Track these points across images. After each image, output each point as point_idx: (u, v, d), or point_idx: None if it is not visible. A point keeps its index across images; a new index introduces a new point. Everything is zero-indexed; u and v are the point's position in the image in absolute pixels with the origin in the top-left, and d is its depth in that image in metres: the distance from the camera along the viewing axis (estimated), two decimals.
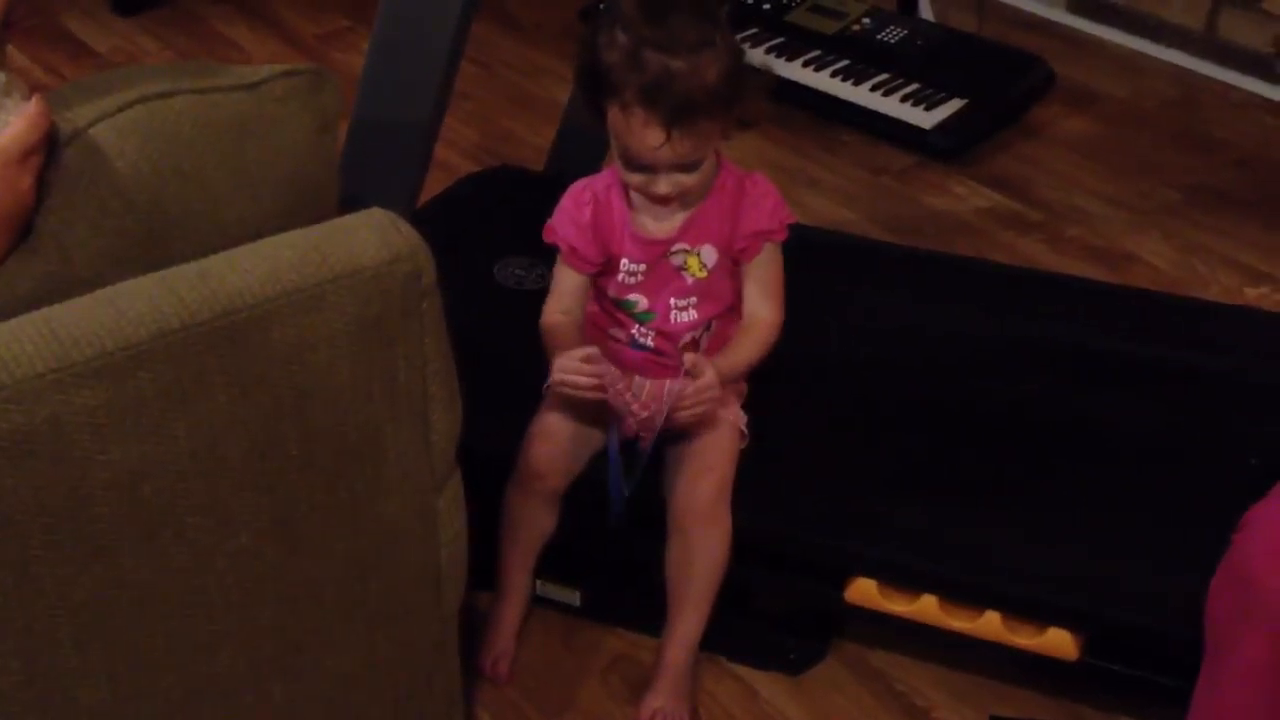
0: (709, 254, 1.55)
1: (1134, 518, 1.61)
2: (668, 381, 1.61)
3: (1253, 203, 2.62)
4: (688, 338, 1.58)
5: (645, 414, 1.61)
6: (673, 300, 1.56)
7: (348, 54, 3.04)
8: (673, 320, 1.57)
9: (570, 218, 1.55)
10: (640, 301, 1.56)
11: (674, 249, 1.54)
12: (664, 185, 1.46)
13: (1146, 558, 1.56)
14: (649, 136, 1.41)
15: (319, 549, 1.14)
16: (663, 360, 1.60)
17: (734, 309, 1.61)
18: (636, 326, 1.58)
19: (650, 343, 1.59)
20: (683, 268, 1.55)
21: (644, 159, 1.44)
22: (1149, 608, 1.51)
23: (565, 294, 1.58)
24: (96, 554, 0.98)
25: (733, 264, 1.57)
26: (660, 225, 1.54)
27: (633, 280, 1.55)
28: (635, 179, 1.47)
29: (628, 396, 1.60)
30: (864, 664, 1.70)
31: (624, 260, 1.55)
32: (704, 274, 1.55)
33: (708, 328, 1.59)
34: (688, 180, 1.46)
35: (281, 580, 1.12)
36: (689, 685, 1.61)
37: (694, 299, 1.56)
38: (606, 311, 1.60)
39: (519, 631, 1.68)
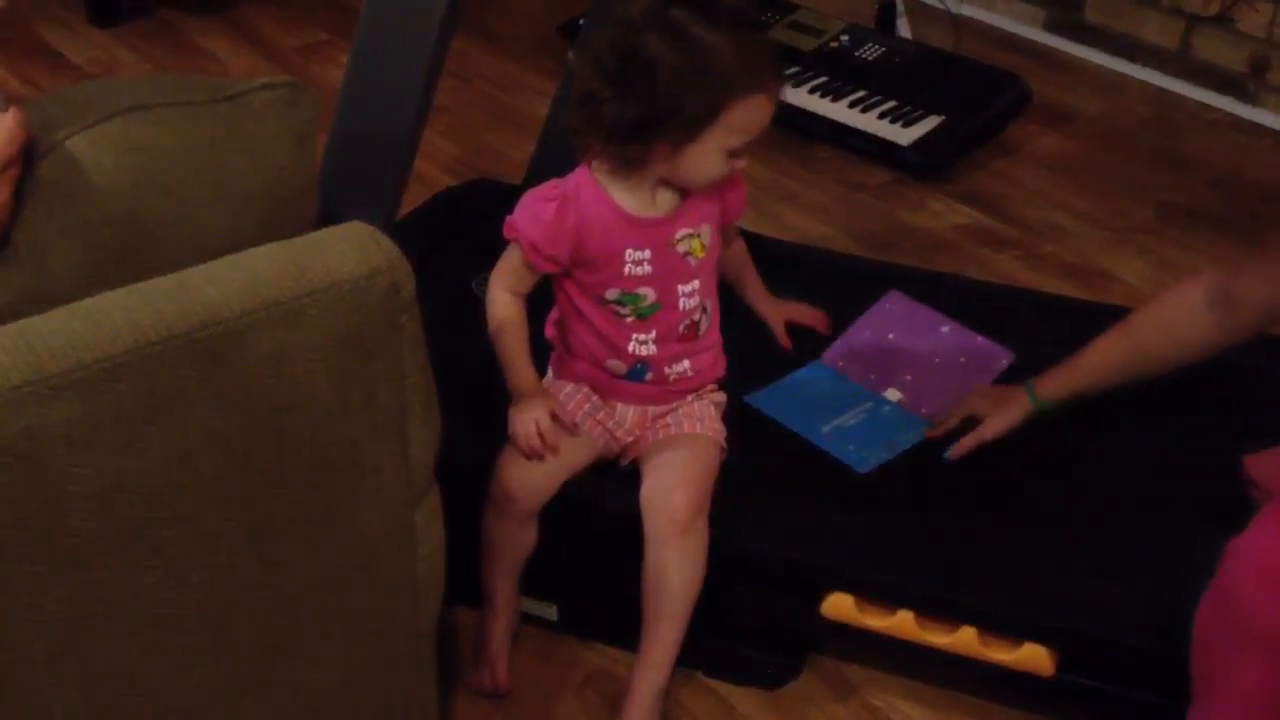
0: (707, 232, 1.56)
1: (1109, 535, 1.62)
2: (650, 408, 1.61)
3: (1227, 221, 2.64)
4: (687, 322, 1.58)
5: (630, 439, 1.61)
6: (680, 287, 1.56)
7: (326, 67, 3.03)
8: (680, 307, 1.56)
9: (534, 214, 1.51)
10: (648, 295, 1.54)
11: (679, 236, 1.54)
12: (746, 156, 1.49)
13: (1121, 574, 1.57)
14: (772, 106, 1.45)
15: (295, 563, 1.13)
16: (657, 389, 1.61)
17: (714, 285, 1.62)
18: (634, 338, 1.57)
19: (651, 349, 1.57)
20: (689, 253, 1.55)
21: (755, 134, 1.46)
22: (1124, 624, 1.52)
23: (516, 270, 1.55)
24: (70, 567, 0.98)
25: (721, 236, 1.60)
26: (655, 204, 1.53)
27: (640, 271, 1.53)
28: (725, 168, 1.47)
29: (609, 425, 1.60)
30: (840, 679, 1.70)
31: (628, 250, 1.52)
32: (704, 254, 1.56)
33: (705, 310, 1.59)
34: None
35: (257, 594, 1.12)
36: (660, 707, 1.60)
37: (696, 282, 1.57)
38: (601, 334, 1.57)
39: (511, 646, 1.67)
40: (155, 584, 1.04)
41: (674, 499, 1.55)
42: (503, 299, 1.57)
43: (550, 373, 1.65)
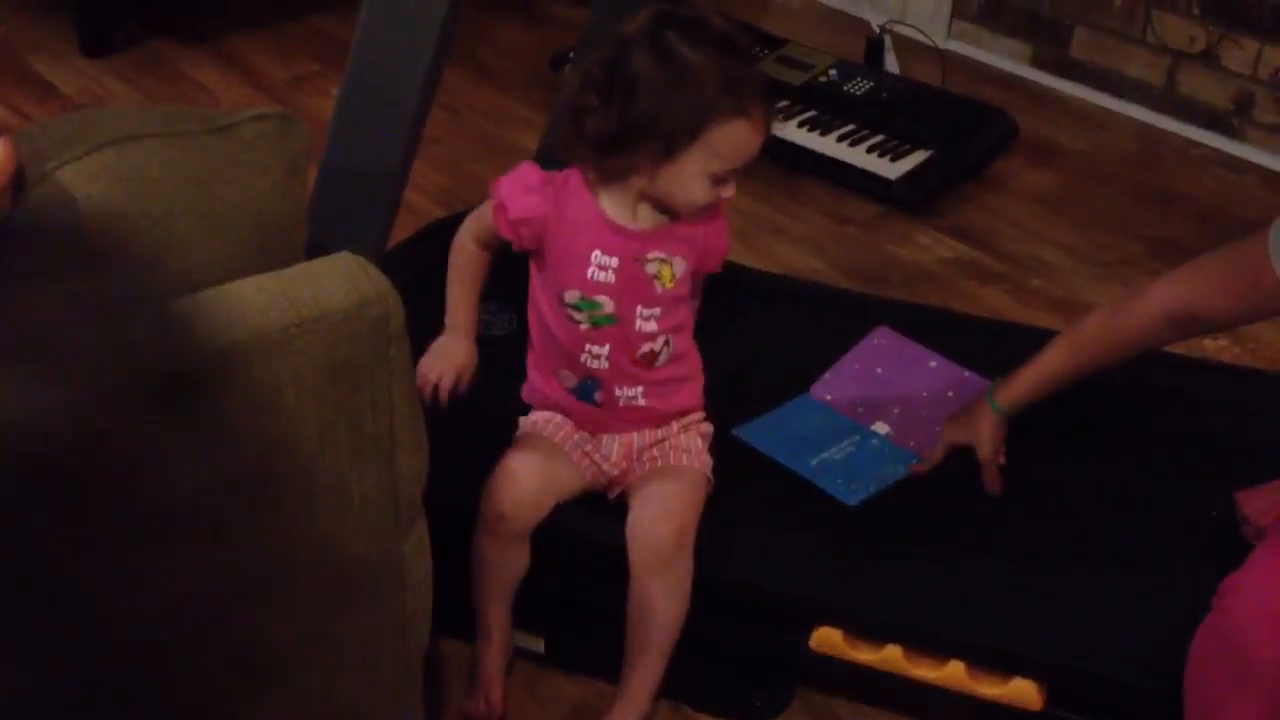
0: (680, 265, 1.55)
1: (1096, 569, 1.62)
2: (635, 435, 1.61)
3: None
4: (645, 349, 1.57)
5: (616, 472, 1.61)
6: (640, 308, 1.55)
7: (317, 98, 3.04)
8: (636, 328, 1.56)
9: (519, 176, 1.54)
10: (606, 304, 1.54)
11: (650, 256, 1.53)
12: (733, 186, 1.50)
13: (1108, 608, 1.57)
14: (757, 136, 1.47)
15: (282, 594, 1.13)
16: (609, 414, 1.60)
17: (684, 325, 1.61)
18: (587, 348, 1.57)
19: (603, 364, 1.56)
20: (656, 276, 1.54)
21: (739, 163, 1.47)
22: (1113, 658, 1.52)
23: (484, 220, 1.58)
24: (56, 605, 0.97)
25: (693, 278, 1.59)
26: (636, 218, 1.53)
27: (603, 277, 1.53)
28: (709, 194, 1.48)
29: (596, 457, 1.60)
30: (829, 713, 1.69)
31: (595, 253, 1.52)
32: (672, 284, 1.55)
33: (667, 343, 1.58)
34: None
35: (244, 625, 1.11)
36: None
37: (659, 310, 1.56)
38: (557, 339, 1.57)
39: (506, 673, 1.66)
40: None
41: (658, 530, 1.54)
42: (467, 246, 1.61)
43: (530, 404, 1.66)
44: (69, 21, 3.18)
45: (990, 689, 1.54)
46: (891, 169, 2.74)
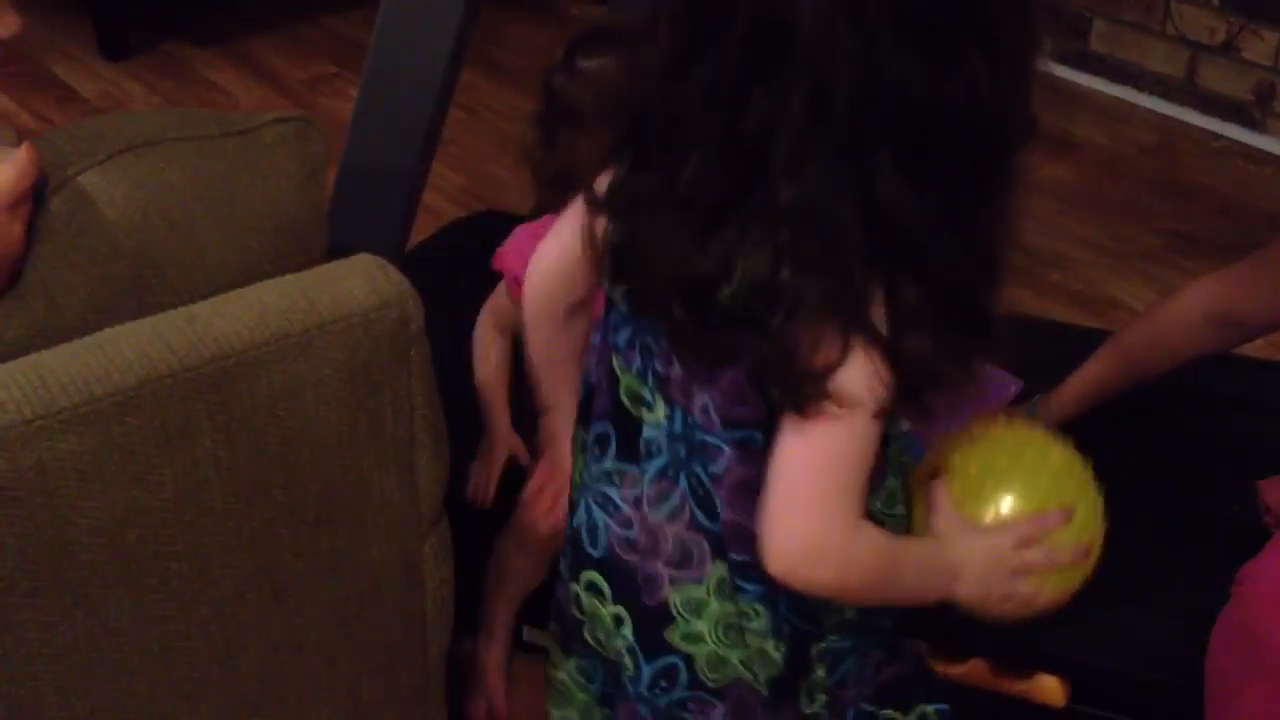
0: None
1: (1118, 564, 1.61)
2: None
3: (1232, 249, 2.63)
4: None
5: None
6: None
7: (334, 99, 3.05)
8: None
9: (519, 249, 1.52)
10: None
11: None
12: None
13: (1131, 604, 1.56)
14: None
15: (303, 596, 1.13)
16: None
17: None
18: None
19: None
20: None
21: None
22: (1137, 654, 1.51)
23: (501, 306, 1.55)
24: (80, 601, 0.98)
25: None
26: None
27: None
28: None
29: None
30: None
31: None
32: None
33: None
34: None
35: (265, 628, 1.12)
36: None
37: None
38: None
39: (507, 673, 1.66)
40: (164, 617, 1.04)
41: None
42: (487, 337, 1.59)
43: None
44: (88, 25, 3.20)
45: (1013, 685, 1.54)
46: None
